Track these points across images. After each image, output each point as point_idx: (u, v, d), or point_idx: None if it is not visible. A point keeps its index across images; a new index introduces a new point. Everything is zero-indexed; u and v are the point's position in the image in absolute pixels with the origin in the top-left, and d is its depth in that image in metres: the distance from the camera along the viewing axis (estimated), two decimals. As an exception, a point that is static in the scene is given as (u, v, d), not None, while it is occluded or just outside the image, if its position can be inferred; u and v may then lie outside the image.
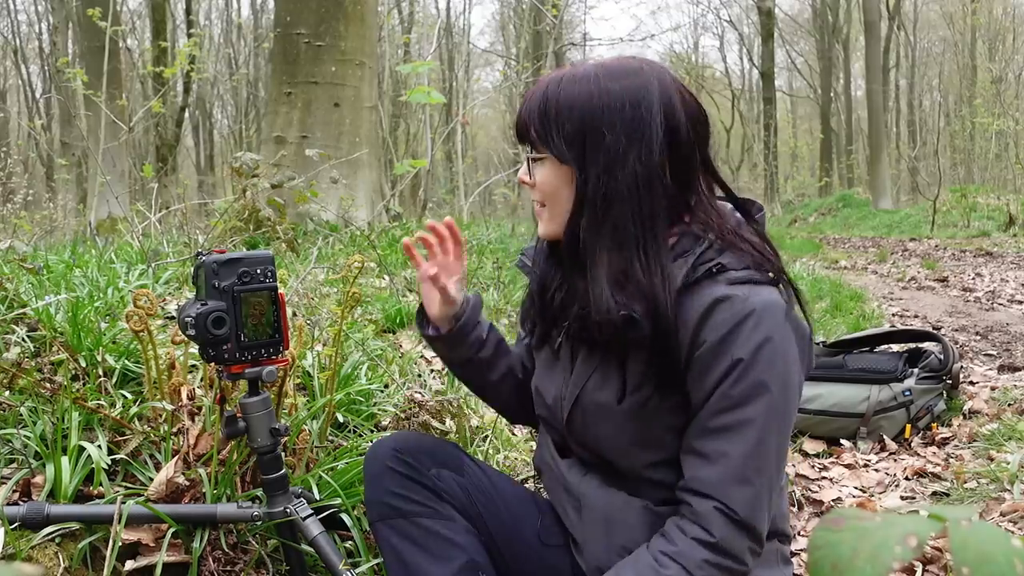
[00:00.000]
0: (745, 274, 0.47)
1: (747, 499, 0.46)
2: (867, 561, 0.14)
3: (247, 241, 1.56)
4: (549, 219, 0.51)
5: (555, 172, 0.49)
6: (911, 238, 5.14)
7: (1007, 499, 0.93)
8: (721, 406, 0.47)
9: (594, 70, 0.48)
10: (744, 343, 0.46)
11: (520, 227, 2.84)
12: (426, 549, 0.53)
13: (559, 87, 0.48)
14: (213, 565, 0.63)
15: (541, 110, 0.48)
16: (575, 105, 0.47)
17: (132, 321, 0.65)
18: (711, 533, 0.46)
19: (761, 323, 0.46)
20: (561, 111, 0.47)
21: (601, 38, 19.22)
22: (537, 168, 0.50)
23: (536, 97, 0.49)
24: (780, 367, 0.46)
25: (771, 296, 0.47)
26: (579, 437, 0.53)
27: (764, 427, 0.46)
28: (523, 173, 0.51)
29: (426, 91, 1.72)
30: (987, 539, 0.14)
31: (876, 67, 8.09)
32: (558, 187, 0.49)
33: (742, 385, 0.46)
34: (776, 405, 0.46)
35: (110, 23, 2.75)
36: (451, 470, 0.56)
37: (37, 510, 0.58)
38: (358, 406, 0.84)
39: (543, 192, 0.50)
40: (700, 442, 0.48)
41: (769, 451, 0.47)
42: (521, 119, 0.50)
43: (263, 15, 10.01)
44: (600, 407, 0.51)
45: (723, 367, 0.46)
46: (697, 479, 0.48)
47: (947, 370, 1.23)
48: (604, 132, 0.47)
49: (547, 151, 0.49)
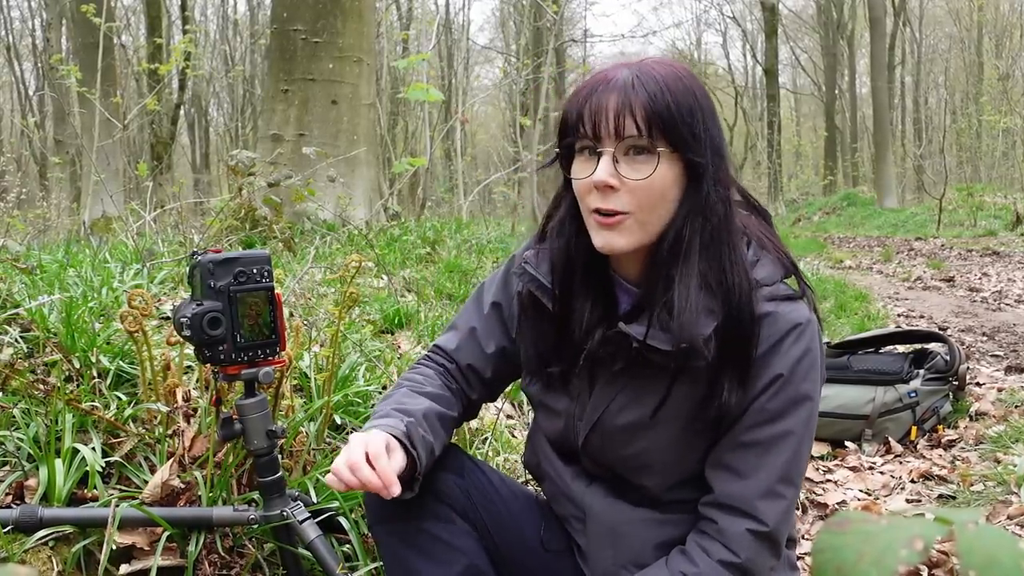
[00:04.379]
0: (782, 289, 0.47)
1: (777, 512, 0.46)
2: (872, 564, 0.14)
3: (243, 240, 1.55)
4: (638, 227, 0.46)
5: (666, 169, 0.45)
6: (917, 237, 5.11)
7: (1014, 502, 0.92)
8: (757, 420, 0.46)
9: (673, 69, 0.46)
10: (783, 358, 0.46)
11: (520, 226, 2.83)
12: (426, 553, 0.52)
13: (661, 82, 0.44)
14: (209, 569, 0.63)
15: (663, 103, 0.44)
16: (685, 100, 0.45)
17: (127, 322, 0.64)
18: (736, 554, 0.46)
19: (801, 338, 0.46)
20: (680, 104, 0.44)
21: (602, 35, 19.22)
22: (637, 166, 0.45)
23: (645, 89, 0.44)
24: (815, 378, 0.47)
25: (806, 311, 0.47)
26: (596, 456, 0.52)
27: (800, 439, 0.46)
28: (607, 174, 0.44)
29: (425, 88, 1.70)
30: (994, 542, 0.14)
31: (881, 64, 8.02)
32: (667, 187, 0.45)
33: (780, 399, 0.46)
34: (812, 416, 0.47)
35: (104, 19, 2.73)
36: (452, 472, 0.54)
37: (30, 513, 0.58)
38: (356, 408, 0.83)
39: (641, 194, 0.45)
40: (731, 457, 0.47)
41: (801, 463, 0.47)
42: (624, 110, 0.44)
43: (259, 11, 9.94)
44: (623, 430, 0.49)
45: (762, 383, 0.46)
46: (727, 494, 0.47)
47: (953, 371, 1.22)
48: (710, 127, 0.46)
49: (665, 145, 0.44)
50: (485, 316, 0.56)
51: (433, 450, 0.51)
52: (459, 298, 1.47)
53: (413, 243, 1.96)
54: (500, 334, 0.55)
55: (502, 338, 0.55)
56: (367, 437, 0.47)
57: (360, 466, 0.45)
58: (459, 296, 1.48)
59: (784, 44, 13.03)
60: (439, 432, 0.52)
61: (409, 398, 0.53)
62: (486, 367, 0.56)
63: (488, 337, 0.56)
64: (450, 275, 1.62)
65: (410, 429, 0.49)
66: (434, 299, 1.44)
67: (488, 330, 0.56)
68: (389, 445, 0.47)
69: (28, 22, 9.81)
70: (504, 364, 0.56)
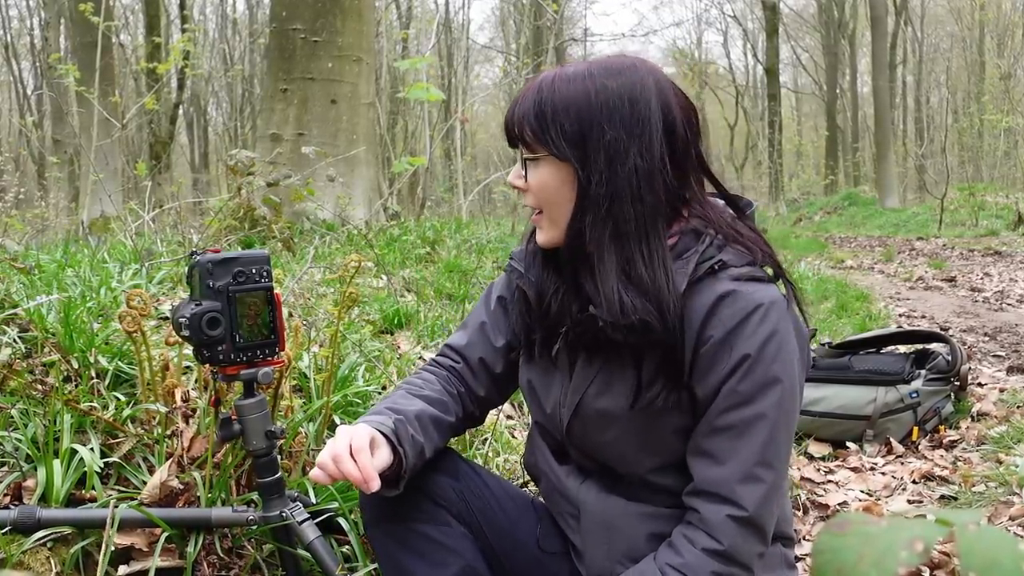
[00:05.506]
0: (748, 270, 0.47)
1: (757, 497, 0.46)
2: (872, 566, 0.14)
3: (242, 240, 1.55)
4: (549, 224, 0.49)
5: (554, 172, 0.48)
6: (918, 237, 5.10)
7: (1016, 503, 0.92)
8: (729, 403, 0.46)
9: (587, 68, 0.48)
10: (750, 338, 0.46)
11: (520, 226, 2.82)
12: (422, 555, 0.52)
13: (553, 86, 0.47)
14: (208, 570, 0.63)
15: (537, 110, 0.47)
16: (572, 103, 0.47)
17: (125, 322, 0.64)
18: (719, 541, 0.46)
19: (767, 318, 0.46)
20: (558, 110, 0.47)
21: (603, 34, 19.22)
22: (533, 170, 0.49)
23: (529, 98, 0.48)
24: (786, 360, 0.46)
25: (774, 292, 0.47)
26: (580, 444, 0.52)
27: (774, 421, 0.46)
28: (515, 176, 0.50)
29: (425, 88, 1.70)
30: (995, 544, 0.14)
31: (883, 63, 8.03)
32: (557, 187, 0.48)
33: (750, 380, 0.46)
34: (785, 398, 0.46)
35: (103, 18, 2.74)
36: (447, 475, 0.55)
37: (28, 514, 0.57)
38: (355, 408, 0.83)
39: (541, 195, 0.49)
40: (708, 442, 0.47)
41: (779, 446, 0.47)
42: (515, 120, 0.48)
43: (258, 10, 9.93)
44: (602, 413, 0.50)
45: (730, 364, 0.46)
46: (706, 480, 0.47)
47: (955, 372, 1.22)
48: (605, 128, 0.46)
49: (545, 151, 0.48)
50: (492, 311, 0.57)
51: (423, 451, 0.51)
52: (459, 298, 1.46)
53: (413, 243, 1.96)
54: (506, 328, 0.56)
55: (508, 331, 0.56)
56: (352, 430, 0.47)
57: (343, 459, 0.45)
58: (459, 296, 1.47)
59: (785, 43, 13.07)
60: (431, 434, 0.52)
61: (404, 399, 0.54)
62: (496, 361, 0.57)
63: (496, 331, 0.57)
64: (450, 275, 1.62)
65: (398, 427, 0.49)
66: (434, 299, 1.43)
67: (495, 324, 0.57)
68: (374, 440, 0.48)
69: (26, 21, 9.81)
70: (511, 359, 0.56)
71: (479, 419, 0.59)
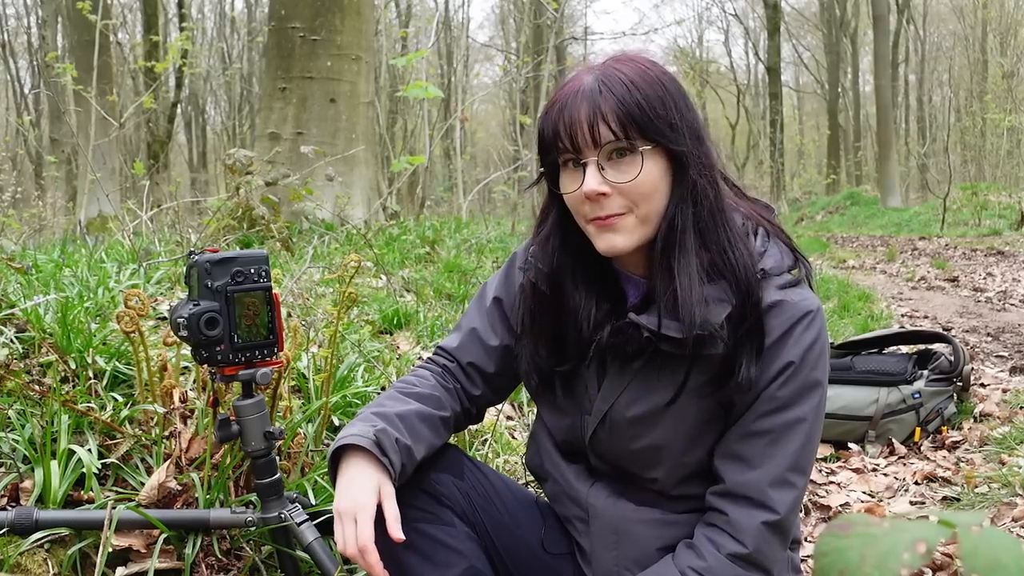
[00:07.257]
0: (790, 278, 0.48)
1: (788, 501, 0.46)
2: (875, 567, 0.14)
3: (241, 240, 1.54)
4: (637, 224, 0.46)
5: (653, 165, 0.46)
6: (921, 237, 5.10)
7: (1019, 504, 0.91)
8: (767, 408, 0.46)
9: (633, 60, 0.47)
10: (795, 347, 0.46)
11: (520, 225, 2.82)
12: (425, 555, 0.51)
13: (626, 82, 0.45)
14: (206, 572, 0.62)
15: (633, 102, 0.44)
16: (655, 93, 0.45)
17: (123, 322, 0.63)
18: (744, 544, 0.45)
19: (811, 325, 0.46)
20: (652, 99, 0.45)
21: (603, 32, 19.18)
22: (626, 169, 0.45)
23: (610, 99, 0.44)
24: (824, 365, 0.47)
25: (815, 298, 0.48)
26: (602, 451, 0.52)
27: (811, 426, 0.46)
28: (599, 184, 0.45)
29: (424, 86, 1.69)
30: (998, 545, 0.14)
31: (885, 62, 8.01)
32: (657, 180, 0.46)
33: (791, 386, 0.46)
34: (822, 403, 0.47)
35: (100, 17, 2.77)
36: (451, 474, 0.54)
37: (26, 515, 0.57)
38: (354, 409, 0.82)
39: (637, 192, 0.45)
40: (741, 446, 0.47)
41: (812, 450, 0.47)
42: (598, 122, 0.44)
43: (257, 8, 9.95)
44: (632, 423, 0.49)
45: (774, 371, 0.46)
46: (737, 483, 0.47)
47: (957, 372, 1.21)
48: (683, 111, 0.46)
49: (649, 144, 0.45)
50: (487, 312, 0.56)
51: (411, 452, 0.50)
52: (459, 298, 1.46)
53: (412, 243, 1.96)
54: (503, 329, 0.55)
55: (504, 333, 0.55)
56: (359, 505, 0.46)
57: (369, 551, 0.46)
58: (459, 296, 1.47)
59: (787, 42, 13.14)
60: (420, 433, 0.52)
61: (391, 400, 0.53)
62: (489, 363, 0.56)
63: (490, 332, 0.56)
64: (449, 275, 1.62)
65: (380, 437, 0.49)
66: (433, 299, 1.43)
67: (490, 325, 0.56)
68: (382, 491, 0.47)
69: (23, 19, 9.78)
70: (508, 359, 0.56)
71: (477, 417, 0.58)
